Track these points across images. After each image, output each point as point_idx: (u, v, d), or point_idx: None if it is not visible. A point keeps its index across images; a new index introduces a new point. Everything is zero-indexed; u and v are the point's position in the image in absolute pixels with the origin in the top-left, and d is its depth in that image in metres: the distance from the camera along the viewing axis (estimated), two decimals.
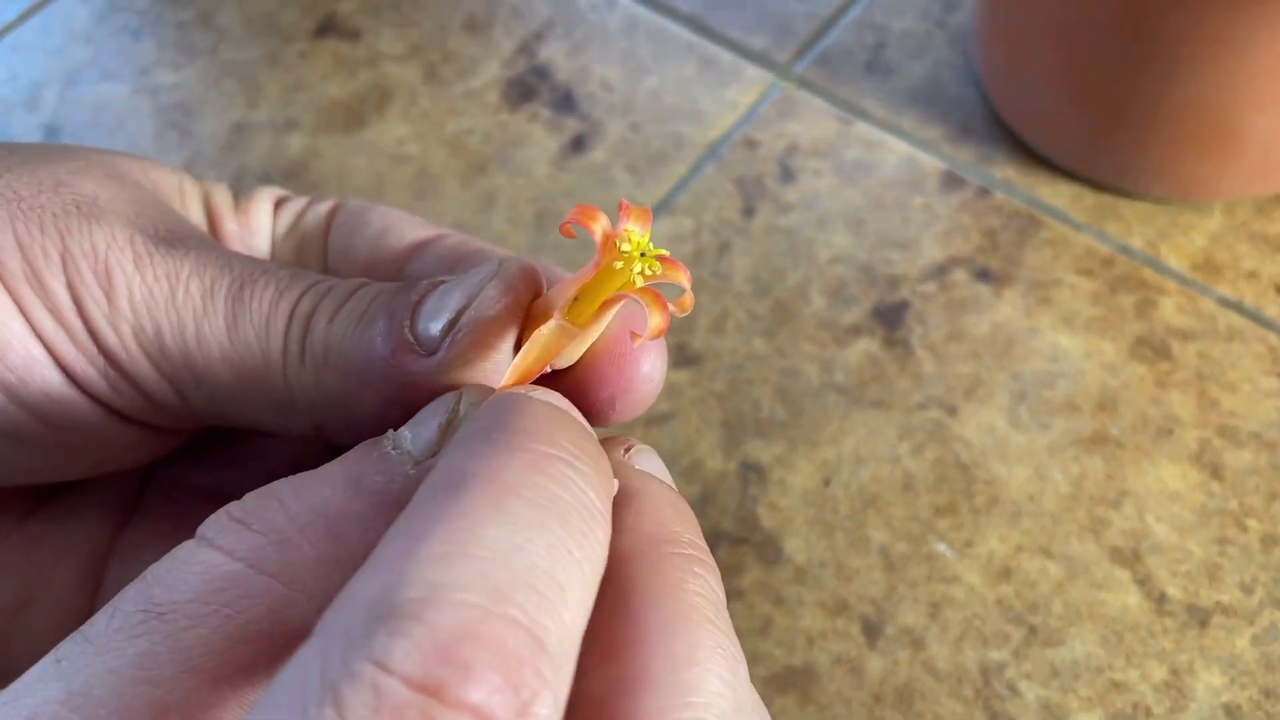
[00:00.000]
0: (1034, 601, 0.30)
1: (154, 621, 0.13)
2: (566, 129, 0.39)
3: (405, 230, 0.20)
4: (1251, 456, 0.31)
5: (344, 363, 0.16)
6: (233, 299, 0.16)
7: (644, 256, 0.15)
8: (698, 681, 0.12)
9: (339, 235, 0.20)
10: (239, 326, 0.16)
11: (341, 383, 0.16)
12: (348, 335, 0.16)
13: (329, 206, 0.20)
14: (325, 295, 0.17)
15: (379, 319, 0.16)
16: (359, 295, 0.17)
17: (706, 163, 0.38)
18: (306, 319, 0.16)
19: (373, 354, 0.16)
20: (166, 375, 0.16)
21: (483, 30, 0.42)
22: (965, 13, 0.41)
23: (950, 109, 0.39)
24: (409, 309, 0.16)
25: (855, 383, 0.33)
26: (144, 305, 0.16)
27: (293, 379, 0.16)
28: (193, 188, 0.20)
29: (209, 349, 0.16)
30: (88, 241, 0.16)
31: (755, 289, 0.35)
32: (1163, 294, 0.34)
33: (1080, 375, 0.33)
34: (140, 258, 0.16)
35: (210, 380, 0.16)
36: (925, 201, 0.37)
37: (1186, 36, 0.30)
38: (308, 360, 0.16)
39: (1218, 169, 0.34)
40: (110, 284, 0.16)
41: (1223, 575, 0.30)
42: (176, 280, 0.16)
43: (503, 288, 0.16)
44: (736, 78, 0.40)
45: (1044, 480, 0.31)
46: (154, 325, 0.16)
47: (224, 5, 0.43)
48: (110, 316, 0.16)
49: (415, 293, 0.16)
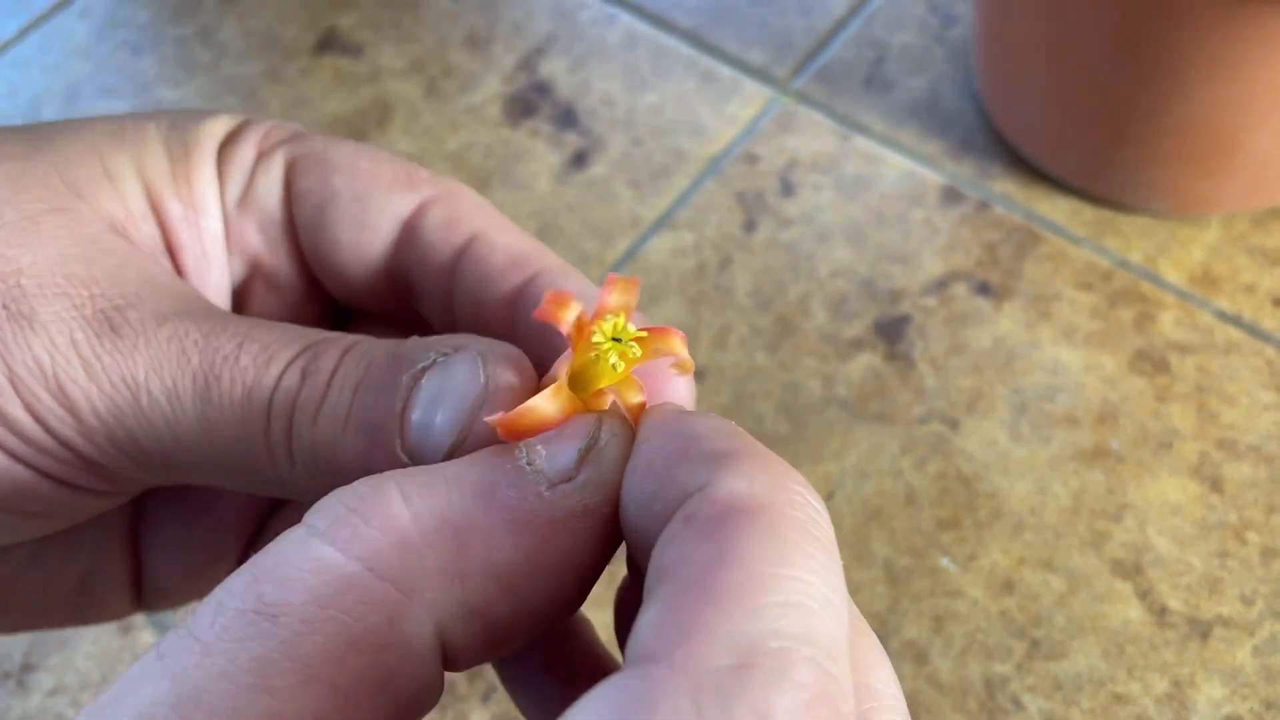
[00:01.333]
0: (1037, 615, 0.30)
1: (266, 624, 0.12)
2: (568, 144, 0.39)
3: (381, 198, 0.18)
4: (1251, 469, 0.32)
5: (337, 468, 0.15)
6: (200, 401, 0.15)
7: (619, 343, 0.14)
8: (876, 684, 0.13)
9: (306, 210, 0.18)
10: (215, 429, 0.15)
11: (338, 483, 0.15)
12: (335, 440, 0.15)
13: (282, 165, 0.18)
14: (301, 385, 0.15)
15: (366, 428, 0.15)
16: (337, 385, 0.15)
17: (707, 177, 0.38)
18: (287, 419, 0.15)
19: (367, 467, 0.15)
20: (152, 469, 0.16)
21: (483, 45, 0.42)
22: (964, 27, 0.41)
23: (949, 123, 0.39)
24: (396, 420, 0.15)
25: (857, 397, 0.34)
26: (110, 415, 0.15)
27: (284, 476, 0.16)
28: (120, 162, 0.17)
29: (189, 448, 0.15)
30: (30, 357, 0.15)
31: (757, 303, 0.36)
32: (1161, 308, 0.35)
33: (1080, 389, 0.33)
34: (89, 365, 0.15)
35: (197, 470, 0.16)
36: (925, 216, 0.37)
37: (1184, 54, 0.30)
38: (298, 463, 0.15)
39: (1215, 183, 0.34)
40: (69, 401, 0.15)
41: (1223, 588, 0.30)
42: (136, 385, 0.15)
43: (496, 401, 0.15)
44: (736, 93, 0.40)
45: (1045, 493, 0.32)
46: (126, 432, 0.15)
47: (225, 21, 0.44)
48: (81, 430, 0.15)
49: (399, 397, 0.15)
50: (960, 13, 0.41)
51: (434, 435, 0.15)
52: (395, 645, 0.12)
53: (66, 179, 0.17)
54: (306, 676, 0.12)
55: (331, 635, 0.12)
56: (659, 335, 0.15)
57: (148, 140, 0.18)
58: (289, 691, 0.12)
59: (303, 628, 0.12)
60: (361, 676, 0.12)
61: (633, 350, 0.14)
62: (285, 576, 0.12)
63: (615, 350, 0.14)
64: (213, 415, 0.15)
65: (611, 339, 0.14)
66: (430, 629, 0.13)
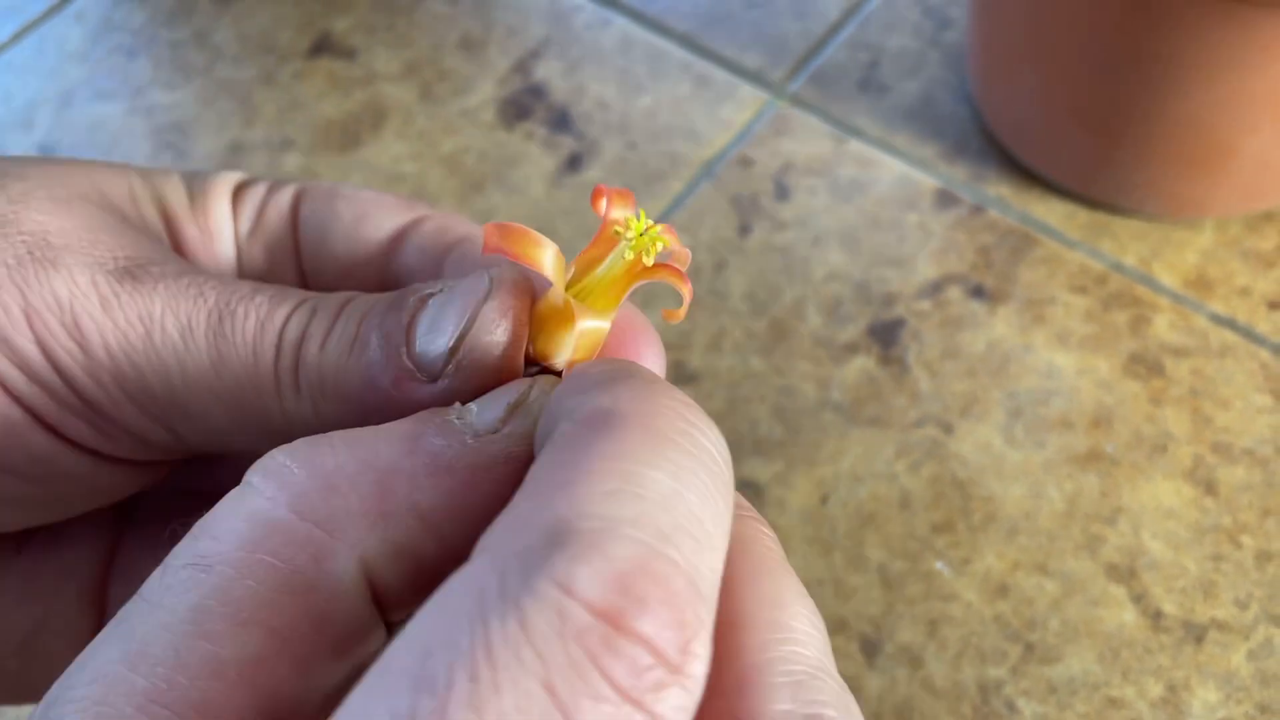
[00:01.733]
0: (1031, 619, 0.30)
1: (201, 575, 0.12)
2: (562, 147, 0.39)
3: (379, 216, 0.19)
4: (1245, 473, 0.32)
5: (342, 392, 0.15)
6: (213, 333, 0.16)
7: (645, 235, 0.15)
8: (791, 620, 0.13)
9: (309, 229, 0.19)
10: (225, 363, 0.16)
11: (342, 410, 0.16)
12: (343, 363, 0.15)
13: (291, 195, 0.19)
14: (311, 319, 0.16)
15: (373, 344, 0.15)
16: (346, 315, 0.16)
17: (702, 181, 0.38)
18: (295, 347, 0.16)
19: (373, 384, 0.15)
20: (156, 417, 0.16)
21: (478, 49, 0.42)
22: (958, 31, 0.41)
23: (944, 127, 0.39)
24: (403, 330, 0.15)
25: (852, 401, 0.34)
26: (121, 351, 0.15)
27: (290, 409, 0.16)
28: (144, 190, 0.18)
29: (197, 387, 0.16)
30: (49, 292, 0.15)
31: (752, 307, 0.36)
32: (1156, 311, 0.35)
33: (1075, 392, 0.33)
34: (107, 301, 0.16)
35: (202, 416, 0.16)
36: (920, 219, 0.37)
37: (1178, 59, 0.30)
38: (304, 391, 0.16)
39: (1209, 187, 0.34)
40: (82, 335, 0.15)
41: (1218, 591, 0.30)
42: (150, 321, 0.16)
43: (501, 308, 0.15)
44: (731, 96, 0.40)
45: (1040, 497, 0.32)
46: (135, 370, 0.16)
47: (219, 24, 0.44)
48: (88, 367, 0.15)
49: (406, 312, 0.15)
50: (955, 16, 0.41)
51: (440, 337, 0.15)
52: (324, 585, 0.13)
53: (97, 187, 0.18)
54: (241, 620, 0.12)
55: (261, 579, 0.12)
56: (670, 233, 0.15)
57: (170, 178, 0.19)
58: (226, 635, 0.12)
59: (233, 573, 0.12)
60: (295, 617, 0.12)
61: (662, 242, 0.15)
62: (219, 529, 0.13)
63: (643, 243, 0.15)
64: (224, 349, 0.16)
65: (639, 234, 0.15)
66: (355, 567, 0.13)
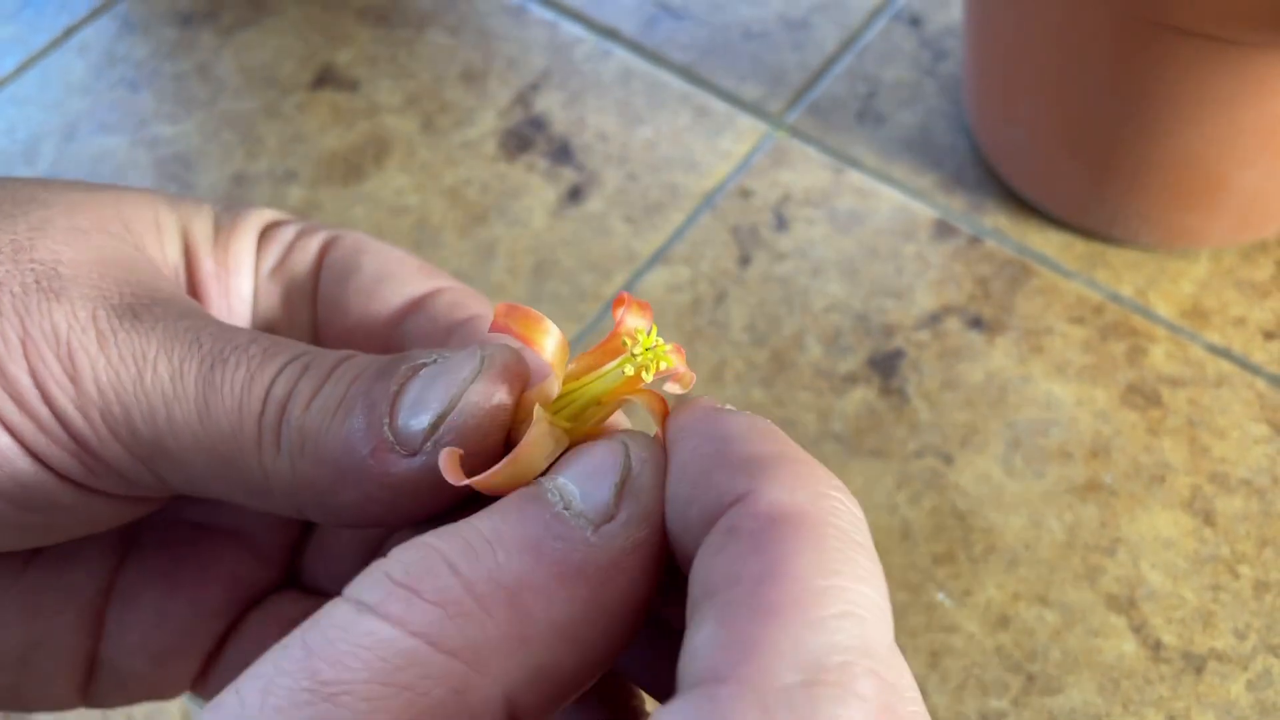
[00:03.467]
0: (1032, 650, 0.30)
1: (324, 704, 0.11)
2: (563, 179, 0.40)
3: (400, 280, 0.19)
4: (1242, 503, 0.32)
5: (320, 455, 0.15)
6: (203, 381, 0.15)
7: (651, 351, 0.14)
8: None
9: (330, 279, 0.19)
10: (211, 411, 0.15)
11: (318, 473, 0.15)
12: (324, 426, 0.15)
13: (320, 242, 0.19)
14: (301, 377, 0.16)
15: (357, 411, 0.15)
16: (336, 377, 0.16)
17: (702, 212, 0.39)
18: (281, 404, 0.15)
19: (350, 450, 0.15)
20: (139, 457, 0.16)
21: (479, 81, 0.43)
22: (955, 61, 0.42)
23: (941, 157, 0.39)
24: (389, 400, 0.15)
25: (853, 431, 0.34)
26: (111, 388, 0.15)
27: (268, 466, 0.16)
28: (169, 218, 0.18)
29: (181, 433, 0.16)
30: (48, 322, 0.15)
31: (752, 338, 0.36)
32: (1152, 341, 0.35)
33: (1073, 423, 0.34)
34: (104, 336, 0.16)
35: (184, 463, 0.16)
36: (918, 250, 0.37)
37: (1172, 95, 0.30)
38: (283, 448, 0.15)
39: (1204, 219, 0.35)
40: (74, 368, 0.15)
41: (1216, 621, 0.30)
42: (143, 361, 0.16)
43: (488, 389, 0.15)
44: (730, 127, 0.41)
45: (1039, 528, 0.32)
46: (122, 409, 0.15)
47: (221, 57, 0.44)
48: (78, 401, 0.15)
49: (395, 381, 0.15)
50: (951, 47, 0.42)
51: (423, 412, 0.15)
52: (465, 716, 0.12)
53: (121, 216, 0.18)
54: None
55: (396, 713, 0.12)
56: (678, 353, 0.15)
57: (201, 209, 0.19)
58: None
59: (365, 706, 0.12)
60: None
61: (665, 362, 0.14)
62: (340, 653, 0.12)
63: (648, 359, 0.14)
64: (211, 397, 0.15)
65: (645, 349, 0.14)
66: (499, 696, 0.12)
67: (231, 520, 0.20)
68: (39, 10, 0.46)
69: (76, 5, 0.46)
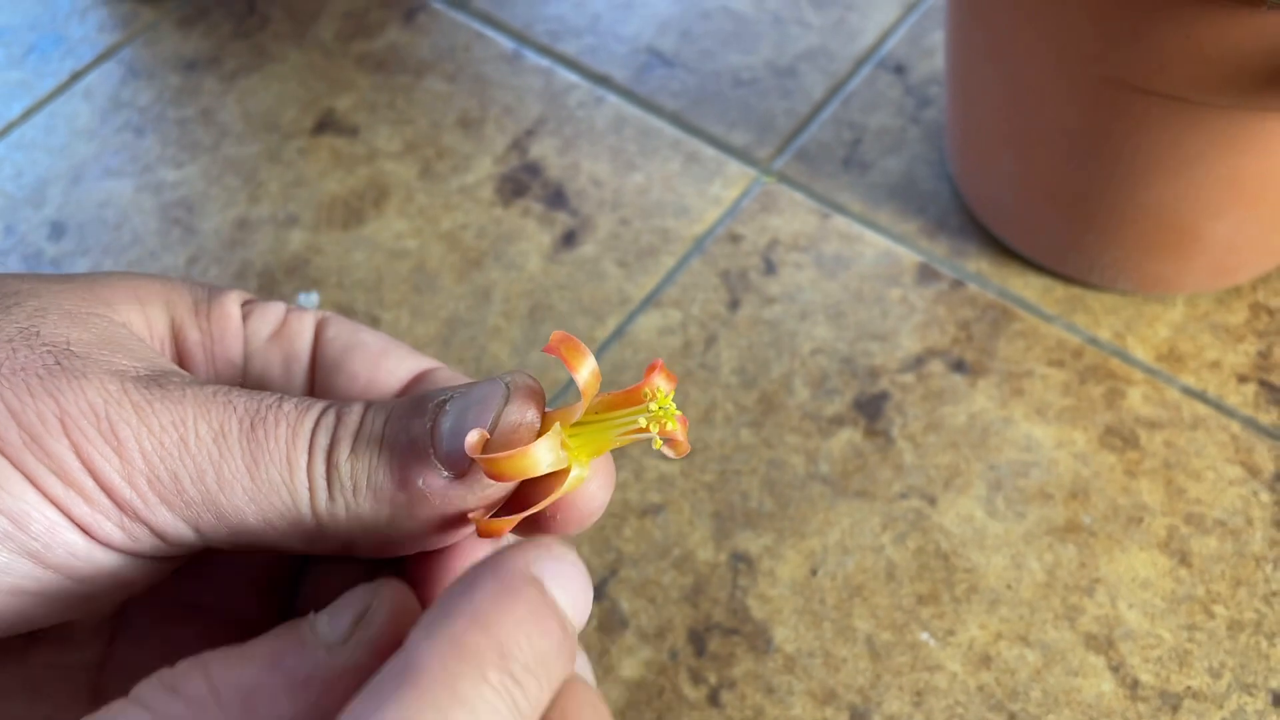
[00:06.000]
0: (1014, 689, 0.31)
1: None
2: (558, 224, 0.41)
3: (402, 355, 0.20)
4: (1217, 543, 0.33)
5: (376, 493, 0.17)
6: (246, 439, 0.17)
7: (664, 411, 0.17)
8: None
9: (331, 349, 0.20)
10: (260, 467, 0.17)
11: (375, 511, 0.17)
12: (374, 467, 0.17)
13: (314, 319, 0.21)
14: (338, 425, 0.17)
15: (403, 446, 0.17)
16: (369, 420, 0.17)
17: (693, 256, 0.40)
18: (326, 452, 0.17)
19: (406, 483, 0.17)
20: (186, 518, 0.17)
21: (476, 127, 0.44)
22: (938, 109, 0.43)
23: (925, 203, 0.40)
24: (428, 434, 0.17)
25: (839, 473, 0.35)
26: (156, 456, 0.16)
27: (322, 511, 0.17)
28: (150, 292, 0.20)
29: (232, 490, 0.17)
30: (84, 400, 0.16)
31: (742, 381, 0.37)
32: (1130, 384, 0.36)
33: (1053, 464, 0.34)
34: (140, 408, 0.16)
35: (234, 518, 0.17)
36: (902, 294, 0.38)
37: (1143, 150, 0.31)
38: (337, 495, 0.17)
39: (1179, 267, 0.36)
40: (118, 440, 0.16)
41: (1192, 660, 0.31)
42: (184, 427, 0.17)
43: (521, 408, 0.17)
44: (720, 173, 0.42)
45: (1020, 568, 0.33)
46: (170, 474, 0.17)
47: (225, 103, 0.45)
48: (125, 472, 0.16)
49: (428, 416, 0.17)
50: (934, 94, 0.43)
51: (463, 437, 0.17)
52: None
53: (103, 297, 0.19)
54: None
55: None
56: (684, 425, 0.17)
57: (176, 285, 0.20)
58: None
59: None
60: None
61: (673, 426, 0.17)
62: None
63: (660, 416, 0.17)
64: (258, 454, 0.17)
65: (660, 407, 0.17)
66: None
67: (221, 595, 0.21)
68: (45, 56, 0.47)
69: (82, 51, 0.47)
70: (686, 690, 0.31)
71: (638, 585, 0.33)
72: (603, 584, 0.33)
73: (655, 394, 0.17)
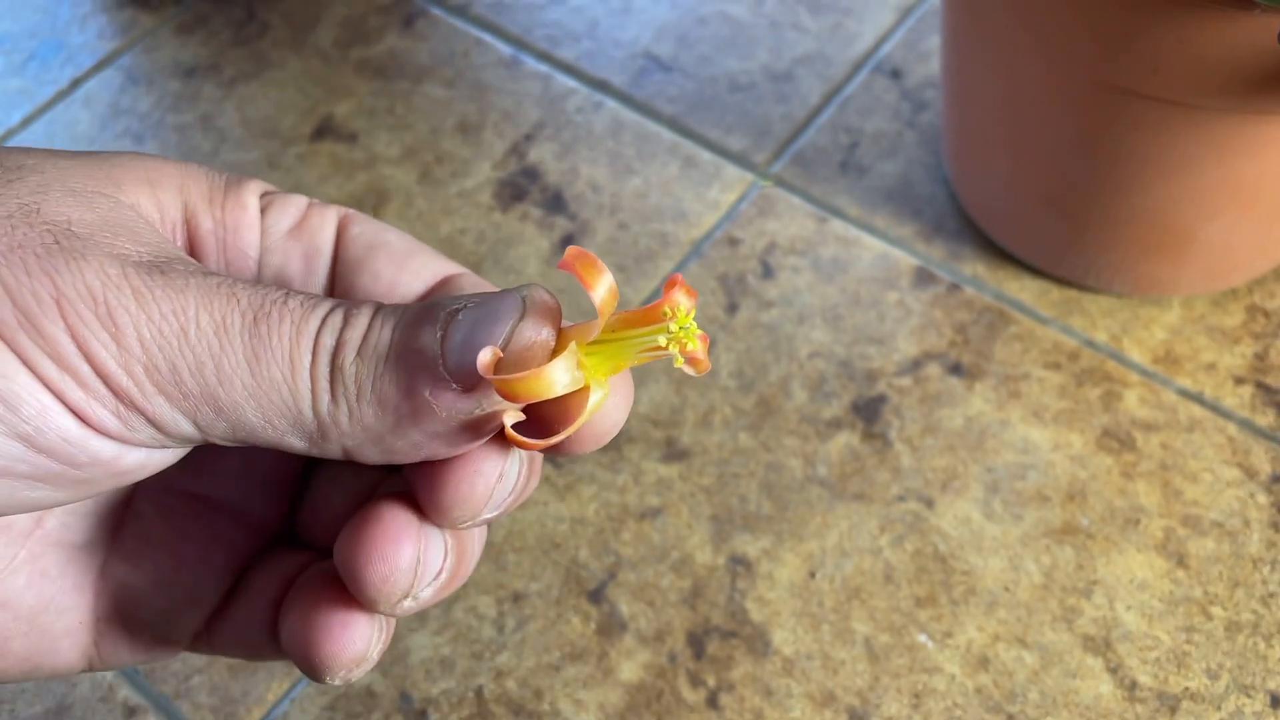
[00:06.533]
0: (1012, 691, 0.31)
1: None
2: (557, 228, 0.41)
3: (428, 257, 0.20)
4: (1214, 545, 0.33)
5: (382, 399, 0.16)
6: (249, 334, 0.16)
7: (685, 330, 0.16)
8: None
9: (354, 247, 0.20)
10: (261, 363, 0.16)
11: (378, 419, 0.16)
12: (380, 373, 0.16)
13: (339, 214, 0.20)
14: (345, 326, 0.17)
15: (411, 354, 0.16)
16: (378, 324, 0.17)
17: (691, 260, 0.40)
18: (331, 354, 0.16)
19: (412, 393, 0.16)
20: (184, 410, 0.16)
21: (474, 132, 0.44)
22: (935, 113, 0.43)
23: (922, 207, 0.41)
24: (438, 343, 0.16)
25: (837, 476, 0.35)
26: (155, 345, 0.16)
27: (324, 414, 0.16)
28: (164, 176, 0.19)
29: (232, 385, 0.16)
30: (81, 282, 0.16)
31: (740, 384, 0.37)
32: (1126, 386, 0.36)
33: (1050, 467, 0.35)
34: (140, 294, 0.16)
35: (233, 413, 0.16)
36: (899, 297, 0.39)
37: (1137, 153, 0.32)
38: (340, 398, 0.16)
39: (1174, 269, 0.36)
40: (116, 326, 0.16)
41: (1190, 662, 0.31)
42: (185, 316, 0.16)
43: (536, 324, 0.16)
44: (718, 177, 0.42)
45: (1018, 570, 0.33)
46: (169, 364, 0.16)
47: (224, 109, 0.45)
48: (121, 359, 0.16)
49: (439, 324, 0.16)
50: (931, 98, 0.43)
51: (474, 349, 0.16)
52: None
53: (113, 177, 0.18)
54: None
55: None
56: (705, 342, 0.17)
57: (193, 170, 0.19)
58: None
59: None
60: None
61: (693, 344, 0.16)
62: None
63: (681, 336, 0.16)
64: (260, 350, 0.16)
65: (680, 326, 0.16)
66: None
67: (229, 490, 0.21)
68: (45, 64, 0.47)
69: (81, 58, 0.47)
70: (685, 693, 0.31)
71: (636, 588, 0.33)
72: (601, 587, 0.33)
73: (675, 312, 0.16)
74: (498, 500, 0.18)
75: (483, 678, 0.32)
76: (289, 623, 0.19)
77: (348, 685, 0.20)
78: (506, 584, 0.33)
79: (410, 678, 0.32)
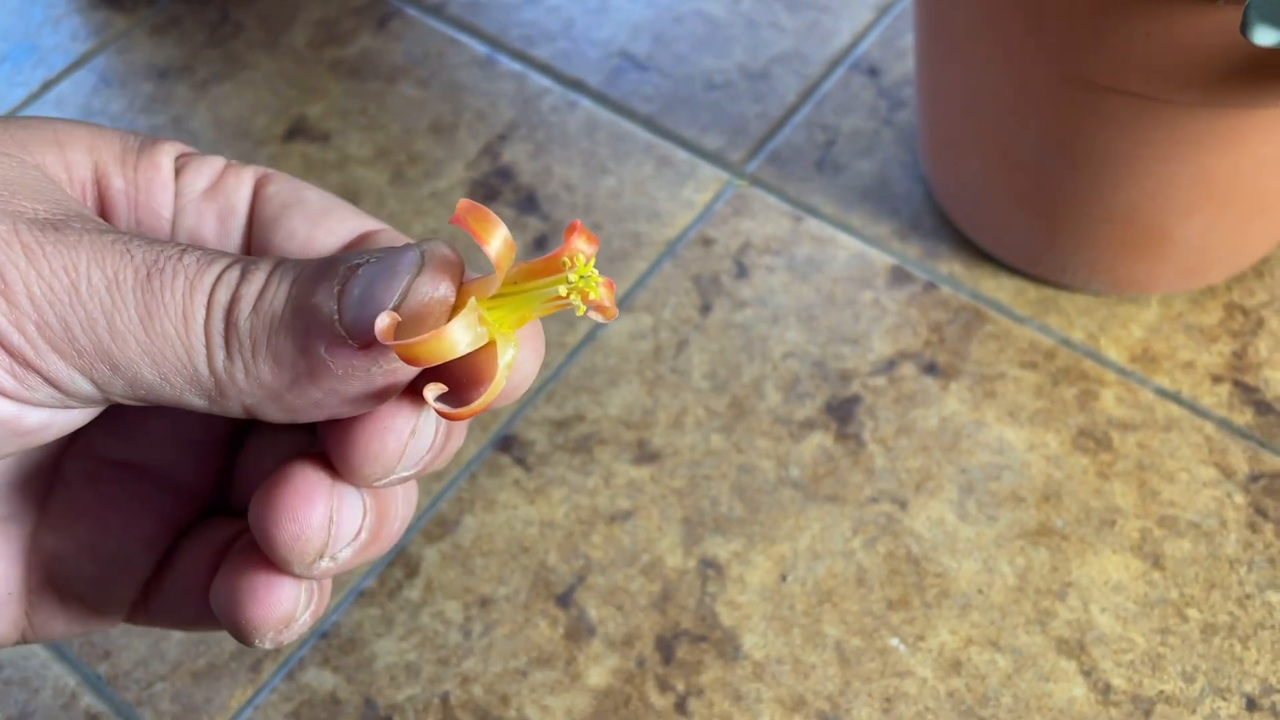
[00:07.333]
0: (984, 694, 0.31)
1: None
2: (530, 229, 0.41)
3: (345, 214, 0.19)
4: (1190, 546, 0.33)
5: (277, 356, 0.16)
6: (141, 289, 0.16)
7: (585, 279, 0.16)
8: None
9: (270, 206, 0.19)
10: (154, 319, 0.16)
11: (275, 374, 0.16)
12: (275, 329, 0.16)
13: (255, 174, 0.20)
14: (241, 281, 0.16)
15: (307, 311, 0.16)
16: (275, 280, 0.16)
17: (664, 260, 0.40)
18: (225, 310, 0.16)
19: (308, 349, 0.16)
20: (79, 368, 0.16)
21: (448, 132, 0.43)
22: (911, 111, 0.42)
23: (898, 205, 0.40)
24: (334, 299, 0.16)
25: (810, 478, 0.34)
26: (45, 301, 0.16)
27: (219, 370, 0.16)
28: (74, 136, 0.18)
29: (125, 341, 0.16)
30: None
31: (713, 385, 0.37)
32: (1103, 385, 0.36)
33: (1025, 467, 0.34)
34: (30, 249, 0.16)
35: (129, 370, 0.16)
36: (874, 296, 0.38)
37: (1113, 151, 0.31)
38: (235, 354, 0.16)
39: (1150, 267, 0.35)
40: (5, 283, 0.15)
41: (1165, 665, 0.31)
42: (76, 273, 0.16)
43: (434, 280, 0.16)
44: (692, 176, 0.41)
45: (992, 572, 0.32)
46: (60, 321, 0.16)
47: (196, 110, 0.45)
48: (12, 317, 0.16)
49: (337, 280, 0.16)
50: (907, 96, 0.43)
51: (371, 305, 0.16)
52: None
53: (18, 138, 0.18)
54: None
55: None
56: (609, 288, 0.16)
57: (106, 132, 0.19)
58: None
59: None
60: None
61: (595, 294, 0.15)
62: None
63: (581, 285, 0.15)
64: (153, 306, 0.16)
65: (580, 275, 0.15)
66: None
67: (156, 456, 0.21)
68: (16, 65, 0.47)
69: (53, 60, 0.47)
70: (654, 698, 0.31)
71: (605, 592, 0.33)
72: (570, 591, 0.33)
73: (574, 260, 0.16)
74: (413, 458, 0.17)
75: (449, 684, 0.31)
76: (217, 587, 0.19)
77: (279, 647, 0.19)
78: (474, 588, 0.33)
79: (375, 684, 0.32)
